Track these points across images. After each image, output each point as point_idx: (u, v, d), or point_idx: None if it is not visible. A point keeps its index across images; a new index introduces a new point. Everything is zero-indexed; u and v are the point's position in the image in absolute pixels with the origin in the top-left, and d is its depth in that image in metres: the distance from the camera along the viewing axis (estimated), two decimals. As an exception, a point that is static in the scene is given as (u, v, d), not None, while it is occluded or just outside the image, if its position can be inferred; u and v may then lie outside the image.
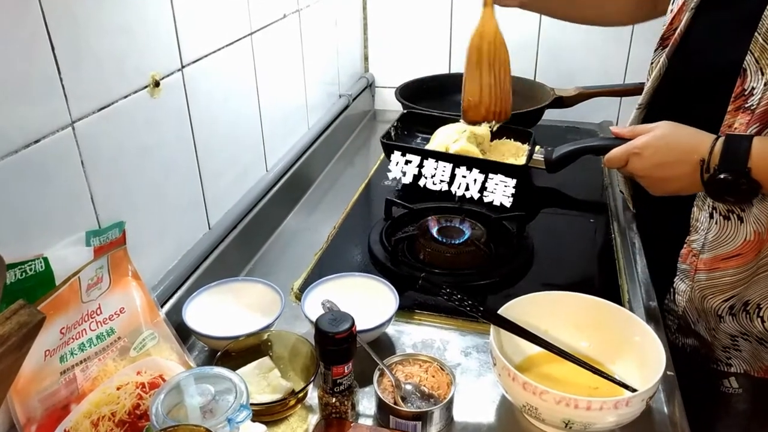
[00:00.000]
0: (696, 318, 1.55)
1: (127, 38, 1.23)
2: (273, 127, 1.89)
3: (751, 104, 1.32)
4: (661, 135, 1.39)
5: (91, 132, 1.15)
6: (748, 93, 1.32)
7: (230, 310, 1.42)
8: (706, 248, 1.45)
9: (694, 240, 1.48)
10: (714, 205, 1.42)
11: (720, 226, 1.42)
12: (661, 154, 1.38)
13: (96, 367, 1.12)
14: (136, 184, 1.30)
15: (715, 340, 1.55)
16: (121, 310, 1.18)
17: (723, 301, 1.48)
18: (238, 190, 1.72)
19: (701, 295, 1.50)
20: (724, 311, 1.49)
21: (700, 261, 1.47)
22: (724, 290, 1.47)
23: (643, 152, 1.40)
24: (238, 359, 1.25)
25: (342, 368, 1.15)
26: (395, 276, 1.55)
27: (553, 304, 1.33)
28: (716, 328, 1.52)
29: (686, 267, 1.51)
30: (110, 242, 1.16)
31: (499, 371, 1.17)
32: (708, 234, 1.44)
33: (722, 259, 1.44)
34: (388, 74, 2.78)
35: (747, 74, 1.32)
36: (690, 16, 1.48)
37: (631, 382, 1.19)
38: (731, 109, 1.35)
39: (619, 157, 1.45)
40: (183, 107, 1.43)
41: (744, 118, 1.33)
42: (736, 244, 1.41)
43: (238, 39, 1.64)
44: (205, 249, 1.53)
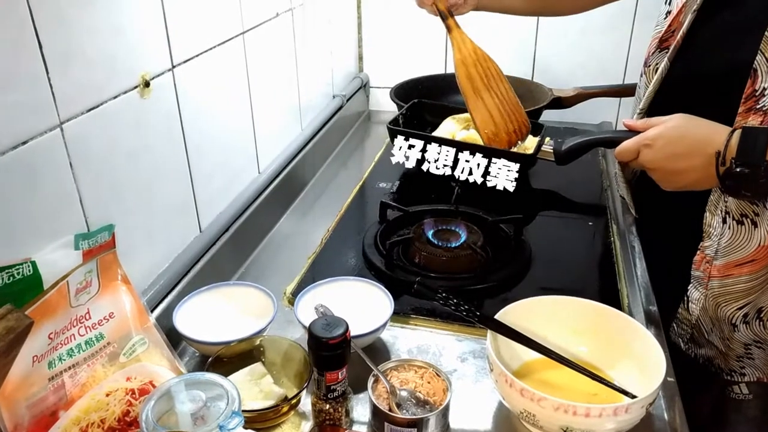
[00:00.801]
0: (710, 327, 1.55)
1: (117, 37, 1.23)
2: (265, 128, 1.89)
3: (763, 105, 1.31)
4: (674, 126, 1.37)
5: (80, 133, 1.15)
6: (759, 94, 1.32)
7: (222, 314, 1.42)
8: (720, 254, 1.45)
9: (707, 246, 1.47)
10: (727, 209, 1.41)
11: (733, 231, 1.41)
12: (673, 145, 1.36)
13: (85, 373, 1.12)
14: (125, 186, 1.30)
15: (729, 350, 1.54)
16: (110, 315, 1.17)
17: (737, 308, 1.47)
18: (229, 192, 1.72)
19: (715, 303, 1.49)
20: (737, 319, 1.48)
21: (713, 267, 1.47)
22: (738, 297, 1.46)
23: (654, 143, 1.38)
24: (229, 365, 1.25)
25: (336, 374, 1.15)
26: (390, 280, 1.55)
27: (551, 309, 1.33)
28: (730, 337, 1.52)
29: (700, 274, 1.50)
30: (99, 245, 1.15)
31: (496, 377, 1.17)
32: (721, 239, 1.43)
33: (736, 265, 1.43)
34: (383, 74, 2.79)
35: (758, 74, 1.31)
36: (693, 18, 1.46)
37: (630, 388, 1.19)
38: (742, 110, 1.34)
39: (630, 149, 1.42)
40: (173, 108, 1.43)
41: (756, 119, 1.32)
42: (750, 250, 1.41)
43: (229, 38, 1.64)
44: (196, 252, 1.53)
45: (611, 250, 1.74)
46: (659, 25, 1.57)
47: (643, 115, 1.60)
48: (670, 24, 1.52)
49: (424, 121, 2.19)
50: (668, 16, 1.54)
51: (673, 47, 1.50)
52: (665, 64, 1.52)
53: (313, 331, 1.13)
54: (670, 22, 1.52)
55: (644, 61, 1.60)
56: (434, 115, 2.14)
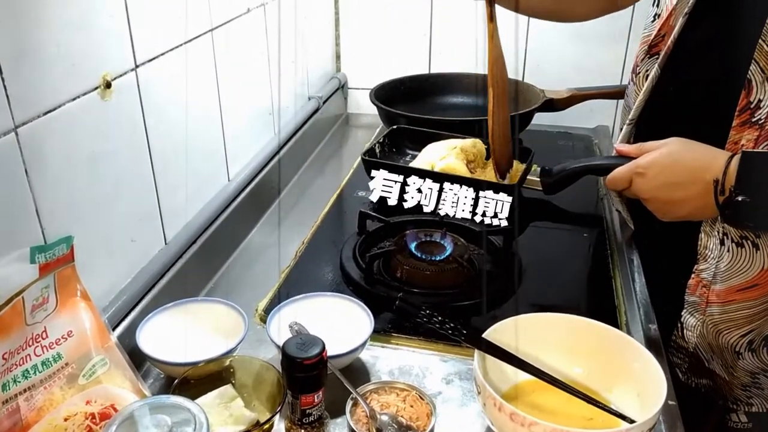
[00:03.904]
0: (710, 355, 1.54)
1: (76, 35, 1.23)
2: (236, 133, 1.90)
3: (758, 118, 1.31)
4: (668, 152, 1.37)
5: (35, 138, 1.15)
6: (754, 106, 1.31)
7: (189, 333, 1.41)
8: (719, 278, 1.44)
9: (703, 269, 1.46)
10: (725, 230, 1.40)
11: (733, 254, 1.40)
12: (668, 174, 1.36)
13: (41, 396, 1.12)
14: (85, 196, 1.30)
15: (733, 378, 1.53)
16: (69, 334, 1.17)
17: (740, 336, 1.46)
18: (197, 201, 1.73)
19: (715, 330, 1.48)
20: (742, 347, 1.47)
21: (711, 292, 1.46)
22: (740, 324, 1.45)
23: (648, 171, 1.39)
24: (197, 387, 1.25)
25: (311, 397, 1.16)
26: (370, 296, 1.56)
27: (544, 327, 1.33)
28: (734, 365, 1.51)
29: (696, 299, 1.50)
30: (57, 259, 1.15)
31: (484, 400, 1.17)
32: (719, 263, 1.42)
33: (737, 290, 1.42)
34: (363, 74, 2.80)
35: (752, 85, 1.31)
36: (684, 22, 1.46)
37: (628, 413, 1.19)
38: (736, 124, 1.34)
39: (623, 177, 1.43)
40: (137, 111, 1.44)
41: (752, 133, 1.32)
42: (752, 274, 1.40)
43: (197, 36, 1.64)
44: (161, 266, 1.53)
45: (608, 264, 1.75)
46: (647, 29, 1.57)
47: (632, 126, 1.60)
48: (659, 28, 1.52)
49: (406, 149, 2.17)
50: (657, 20, 1.54)
51: (663, 53, 1.50)
52: (655, 71, 1.52)
53: (287, 350, 1.13)
54: (660, 26, 1.52)
55: (632, 68, 1.61)
56: (416, 142, 2.12)
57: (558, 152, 2.38)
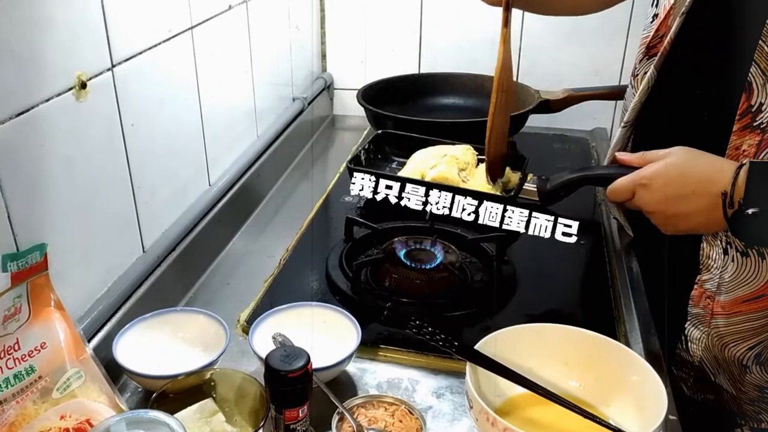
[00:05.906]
0: (716, 369, 1.53)
1: (49, 32, 1.23)
2: (217, 136, 1.90)
3: (760, 122, 1.31)
4: (673, 163, 1.36)
5: (7, 140, 1.15)
6: (755, 110, 1.31)
7: (167, 345, 1.42)
8: (723, 289, 1.43)
9: (706, 280, 1.46)
10: (728, 240, 1.40)
11: (738, 264, 1.40)
12: (673, 186, 1.35)
13: (14, 410, 1.12)
14: (59, 201, 1.30)
15: (740, 393, 1.52)
16: (42, 346, 1.17)
17: (747, 349, 1.46)
18: (176, 207, 1.73)
19: (721, 343, 1.48)
20: (749, 360, 1.47)
21: (716, 304, 1.46)
22: (747, 337, 1.45)
23: (652, 183, 1.38)
24: (176, 401, 1.25)
25: (296, 412, 1.16)
26: (357, 306, 1.56)
27: (538, 338, 1.34)
28: (741, 380, 1.50)
29: (700, 311, 1.50)
30: (30, 267, 1.16)
31: (476, 415, 1.18)
32: (724, 273, 1.42)
33: (743, 301, 1.42)
34: (349, 75, 2.80)
35: (752, 88, 1.31)
36: (681, 22, 1.45)
37: (627, 428, 1.19)
38: (737, 128, 1.34)
39: (625, 188, 1.43)
40: (113, 112, 1.44)
41: (753, 138, 1.32)
42: (759, 284, 1.39)
43: (176, 34, 1.64)
44: (138, 275, 1.53)
45: (606, 273, 1.75)
46: (646, 29, 1.57)
47: (628, 129, 1.60)
48: (657, 29, 1.52)
49: (392, 156, 2.18)
50: (655, 20, 1.54)
51: (660, 54, 1.50)
52: (651, 72, 1.52)
53: (270, 363, 1.14)
54: (657, 26, 1.52)
55: (632, 70, 1.61)
56: (403, 149, 2.12)
57: (553, 156, 2.38)
